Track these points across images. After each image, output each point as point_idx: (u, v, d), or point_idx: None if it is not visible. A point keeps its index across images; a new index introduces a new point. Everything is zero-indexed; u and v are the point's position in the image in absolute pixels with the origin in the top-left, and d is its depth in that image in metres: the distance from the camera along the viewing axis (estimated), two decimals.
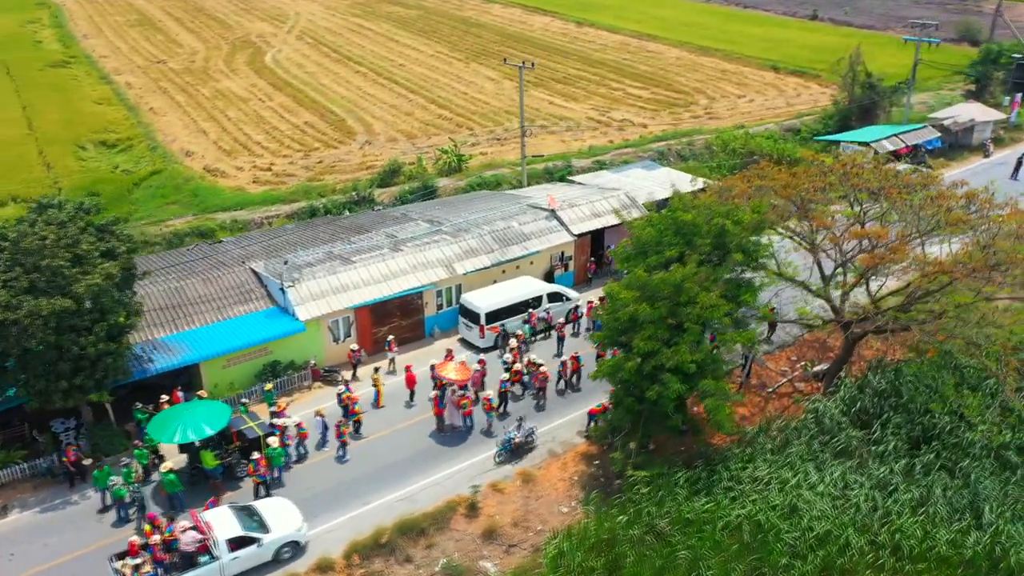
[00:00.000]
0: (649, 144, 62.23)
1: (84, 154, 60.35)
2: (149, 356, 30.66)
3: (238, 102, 72.87)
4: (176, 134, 65.12)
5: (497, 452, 29.76)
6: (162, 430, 27.13)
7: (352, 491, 28.37)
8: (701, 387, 26.96)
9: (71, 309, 25.71)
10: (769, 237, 32.04)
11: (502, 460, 29.67)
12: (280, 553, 25.77)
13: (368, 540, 26.33)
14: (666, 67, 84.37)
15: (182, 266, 37.10)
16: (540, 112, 70.39)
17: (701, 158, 58.65)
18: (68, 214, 27.62)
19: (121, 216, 49.51)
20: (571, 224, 40.49)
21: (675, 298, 27.33)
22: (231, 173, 57.33)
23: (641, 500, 27.32)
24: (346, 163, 59.26)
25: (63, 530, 26.47)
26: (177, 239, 47.20)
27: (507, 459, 29.74)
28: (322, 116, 69.17)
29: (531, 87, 77.70)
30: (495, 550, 27.10)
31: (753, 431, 30.53)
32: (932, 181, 32.23)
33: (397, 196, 52.20)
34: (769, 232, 32.02)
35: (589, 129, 66.75)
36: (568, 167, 56.76)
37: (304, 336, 33.60)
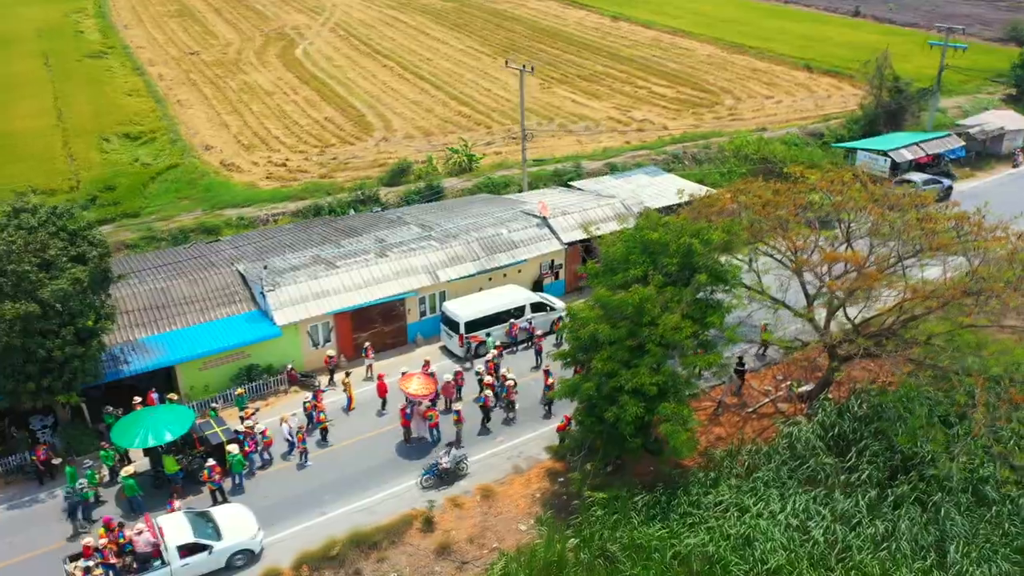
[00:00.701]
0: (665, 147, 61.23)
1: (108, 146, 61.63)
2: (125, 357, 31.28)
3: (263, 95, 73.67)
4: (199, 127, 66.16)
5: (423, 476, 29.29)
6: (125, 435, 27.65)
7: (311, 500, 28.60)
8: (660, 411, 26.47)
9: (36, 313, 26.30)
10: (752, 255, 31.33)
11: (428, 485, 29.24)
12: (233, 560, 26.12)
13: (319, 551, 26.53)
14: (695, 65, 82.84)
15: (173, 266, 37.70)
16: (561, 111, 69.80)
17: (716, 162, 57.53)
18: (40, 219, 28.23)
19: (132, 211, 51.00)
20: (562, 232, 40.09)
21: (636, 319, 26.87)
22: (246, 168, 58.04)
23: (595, 523, 27.03)
24: (360, 160, 59.53)
25: (28, 528, 27.20)
26: (183, 235, 48.01)
27: (434, 484, 29.27)
28: (343, 111, 69.56)
29: (555, 84, 77.21)
30: (447, 566, 27.08)
31: (720, 454, 29.94)
32: (922, 201, 31.03)
33: (403, 196, 52.28)
34: (750, 250, 31.32)
35: (608, 129, 65.95)
36: (577, 169, 56.19)
37: (282, 340, 33.93)
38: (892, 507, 27.57)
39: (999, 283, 26.88)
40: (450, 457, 29.08)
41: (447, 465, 28.95)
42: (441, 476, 29.19)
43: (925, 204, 31.04)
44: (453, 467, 29.18)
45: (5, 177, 55.22)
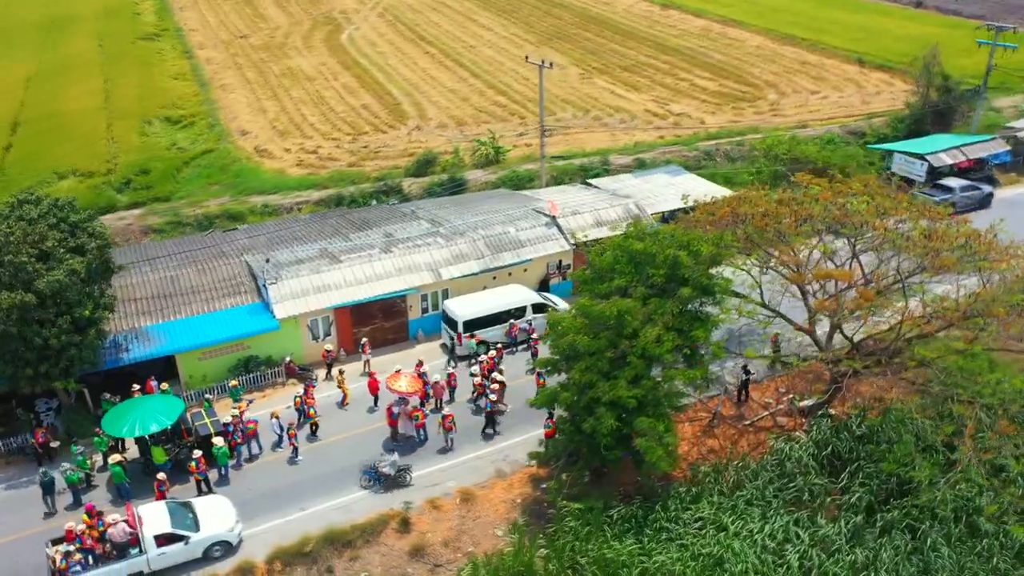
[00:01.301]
0: (698, 143, 60.02)
1: (149, 129, 63.22)
2: (126, 345, 32.14)
3: (304, 81, 74.52)
4: (238, 112, 67.31)
5: (362, 475, 29.48)
6: (115, 423, 28.45)
7: (292, 495, 29.05)
8: (636, 425, 26.09)
9: (32, 303, 27.18)
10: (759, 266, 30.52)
11: (367, 485, 29.31)
12: (211, 551, 26.72)
13: (293, 547, 26.98)
14: (743, 56, 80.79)
15: (187, 254, 38.52)
16: (598, 102, 68.93)
17: (749, 161, 56.14)
18: (41, 210, 29.11)
19: (164, 195, 52.13)
20: (570, 232, 39.67)
21: (617, 330, 26.49)
22: (278, 155, 58.86)
23: (567, 533, 26.86)
24: (390, 149, 59.80)
25: (21, 508, 28.28)
26: (207, 221, 49.01)
27: (375, 487, 29.27)
28: (380, 98, 69.92)
29: (596, 74, 76.27)
30: (420, 568, 27.28)
31: (705, 468, 29.39)
32: (935, 216, 29.75)
33: (426, 188, 52.42)
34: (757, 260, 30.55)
35: (644, 123, 64.91)
36: (604, 165, 55.50)
37: (282, 333, 34.42)
38: (880, 533, 26.78)
39: (1001, 307, 25.68)
40: (390, 464, 29.10)
41: (387, 471, 29.01)
42: (380, 480, 29.23)
43: (937, 219, 29.74)
44: (394, 475, 29.16)
45: (50, 158, 57.19)
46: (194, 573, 26.40)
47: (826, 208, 29.90)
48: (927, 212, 29.84)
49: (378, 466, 29.06)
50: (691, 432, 32.69)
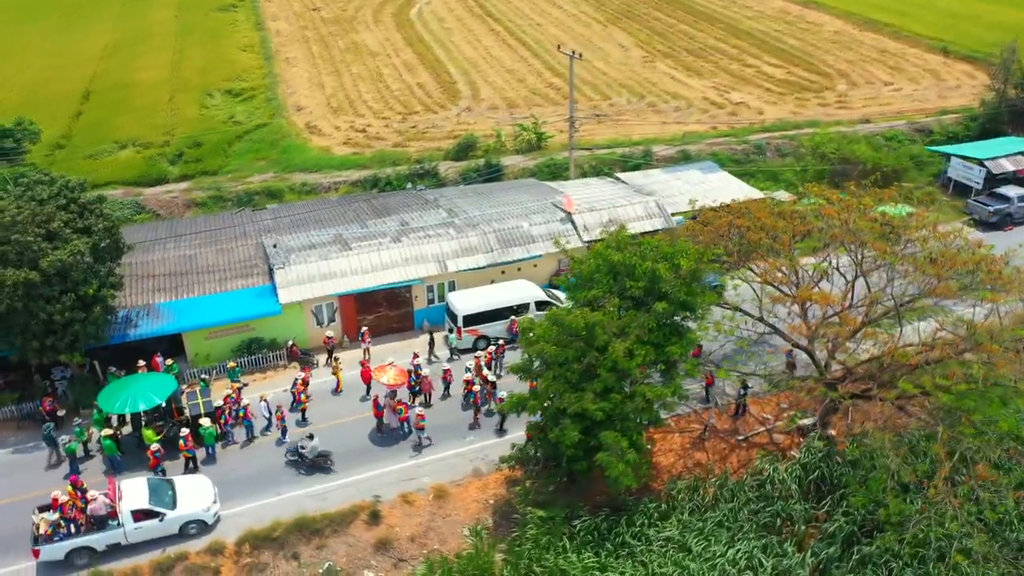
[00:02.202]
0: (750, 135, 58.02)
1: (209, 102, 65.11)
2: (136, 321, 33.55)
3: (366, 57, 75.33)
4: (298, 87, 68.60)
5: (287, 452, 30.43)
6: (110, 399, 29.83)
7: (271, 479, 29.92)
8: (601, 439, 25.76)
9: (36, 281, 28.65)
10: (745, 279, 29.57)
11: (290, 460, 30.22)
12: (187, 529, 27.85)
13: (264, 531, 27.86)
14: (818, 42, 77.38)
15: (209, 233, 39.76)
16: (656, 87, 67.33)
17: (797, 157, 53.99)
18: (51, 192, 30.51)
19: (212, 169, 53.57)
20: (584, 229, 39.12)
21: (588, 341, 26.11)
22: (327, 132, 59.82)
23: (527, 541, 26.86)
24: (438, 130, 59.97)
25: (23, 472, 30.05)
26: (247, 197, 50.37)
27: (295, 464, 30.06)
28: (436, 77, 70.06)
29: (659, 58, 74.50)
30: (383, 562, 27.83)
31: (681, 484, 28.82)
32: (943, 237, 28.01)
33: (462, 172, 52.47)
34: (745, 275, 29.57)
35: (699, 111, 63.09)
36: (647, 156, 54.32)
37: (287, 317, 35.27)
38: (854, 568, 25.81)
39: (995, 344, 24.13)
40: (310, 450, 29.65)
41: (306, 454, 29.62)
42: (304, 459, 29.91)
43: (949, 241, 28.00)
44: (312, 459, 29.79)
45: (114, 128, 59.72)
46: (169, 549, 27.55)
47: (828, 224, 28.52)
48: (941, 234, 28.07)
49: (300, 447, 29.81)
50: (680, 443, 32.10)
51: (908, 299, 26.57)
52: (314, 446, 29.77)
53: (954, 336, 25.72)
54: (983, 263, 26.96)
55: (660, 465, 31.21)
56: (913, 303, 26.43)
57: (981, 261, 27.03)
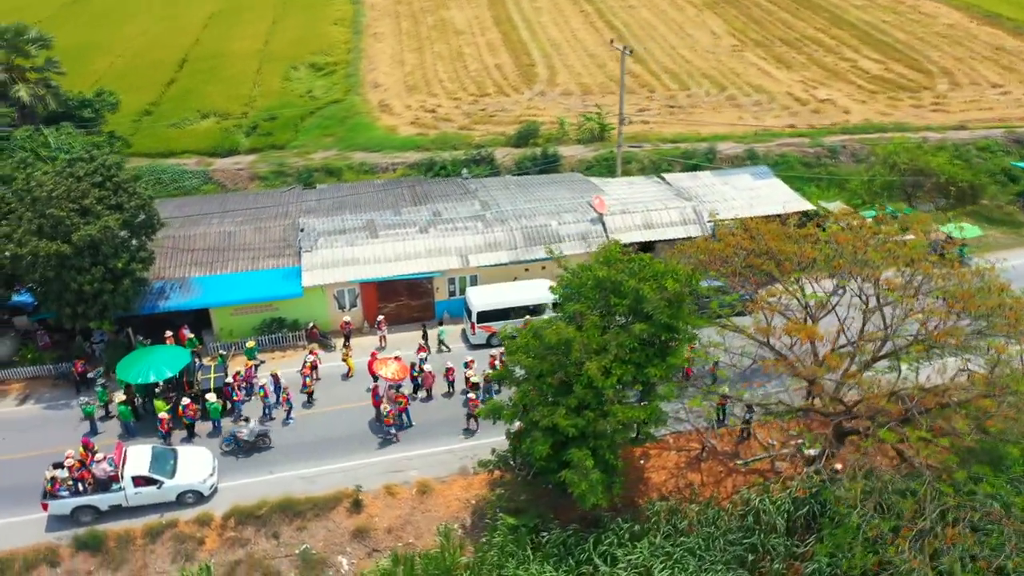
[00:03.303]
0: (826, 136, 55.30)
1: (293, 75, 67.14)
2: (168, 293, 35.44)
3: (451, 35, 75.76)
4: (379, 63, 69.82)
5: (223, 442, 31.29)
6: (127, 370, 31.74)
7: (267, 458, 31.19)
8: (569, 455, 25.62)
9: (67, 253, 30.69)
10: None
11: (227, 451, 31.07)
12: (184, 498, 29.50)
13: (250, 508, 29.18)
14: (927, 36, 72.56)
15: (255, 210, 41.32)
16: (739, 79, 64.89)
17: (870, 165, 51.09)
18: (87, 170, 32.42)
19: (281, 143, 55.28)
20: (613, 232, 38.47)
21: (565, 355, 25.88)
22: (397, 111, 60.71)
23: (492, 548, 27.09)
24: (505, 114, 59.88)
25: (52, 428, 32.43)
26: (307, 174, 51.92)
27: (233, 452, 31.01)
28: (516, 58, 69.80)
29: (751, 47, 71.73)
30: (358, 549, 28.72)
31: (660, 506, 28.29)
32: (963, 276, 26.10)
33: (517, 161, 52.33)
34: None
35: (780, 107, 60.51)
36: (710, 153, 52.66)
37: (309, 300, 36.43)
38: None
39: (990, 401, 22.50)
40: (249, 430, 30.62)
41: (246, 437, 30.56)
42: (240, 445, 30.84)
43: (965, 281, 26.09)
44: (253, 441, 30.79)
45: (198, 97, 62.49)
46: (168, 514, 29.28)
47: (837, 252, 27.06)
48: (961, 272, 26.16)
49: (237, 433, 30.82)
50: (675, 462, 31.49)
51: (906, 343, 24.95)
52: (252, 429, 31.03)
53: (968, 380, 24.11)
54: (1002, 308, 24.98)
55: (651, 482, 30.77)
56: (908, 347, 24.81)
57: (1000, 306, 25.04)
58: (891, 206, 43.98)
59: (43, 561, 27.60)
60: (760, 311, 26.68)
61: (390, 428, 31.61)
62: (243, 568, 28.00)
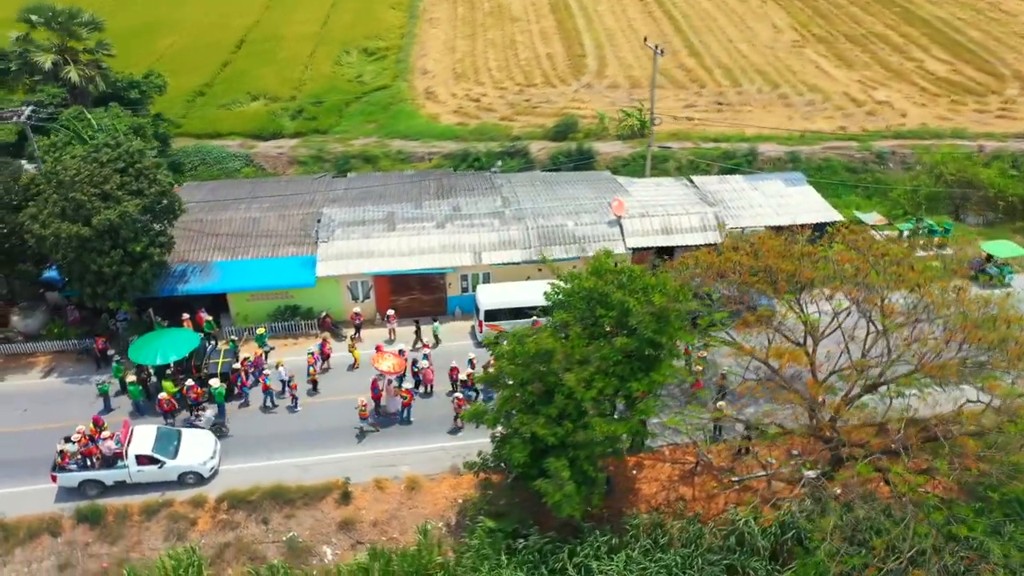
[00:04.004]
0: (875, 141, 53.36)
1: (345, 59, 67.98)
2: (188, 277, 36.54)
3: (507, 21, 75.52)
4: (430, 49, 70.10)
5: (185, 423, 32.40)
6: (140, 351, 32.92)
7: (267, 444, 31.96)
8: (546, 464, 25.60)
9: (87, 235, 31.93)
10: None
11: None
12: (185, 478, 30.55)
13: (243, 493, 30.05)
14: (1004, 36, 69.11)
15: (282, 197, 42.13)
16: (794, 76, 63.03)
17: (916, 175, 49.03)
18: (111, 156, 33.53)
19: (324, 128, 56.15)
20: (630, 236, 37.96)
21: (546, 366, 25.79)
22: (442, 99, 60.95)
23: (468, 551, 27.29)
24: (549, 106, 59.52)
25: (70, 402, 33.87)
26: (344, 160, 52.68)
27: None
28: (568, 48, 69.20)
29: (812, 43, 69.58)
30: (343, 540, 29.32)
31: (643, 520, 28.03)
32: (968, 305, 24.88)
33: (552, 155, 52.03)
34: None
35: (833, 108, 58.59)
36: (751, 155, 51.40)
37: (323, 290, 37.07)
38: None
39: (972, 441, 21.54)
40: (204, 420, 31.53)
41: (202, 425, 31.46)
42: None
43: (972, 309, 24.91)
44: (207, 428, 31.60)
45: (250, 79, 63.84)
46: (169, 493, 30.38)
47: (838, 273, 26.16)
48: (967, 301, 24.98)
49: (194, 423, 31.76)
50: (669, 474, 31.11)
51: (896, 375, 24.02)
52: (207, 417, 31.97)
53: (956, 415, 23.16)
54: (1006, 342, 23.80)
55: (641, 494, 30.52)
56: (896, 380, 23.89)
57: (1004, 339, 23.86)
58: (932, 219, 42.30)
59: (46, 530, 28.98)
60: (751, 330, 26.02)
61: (364, 421, 32.01)
62: (231, 551, 28.88)
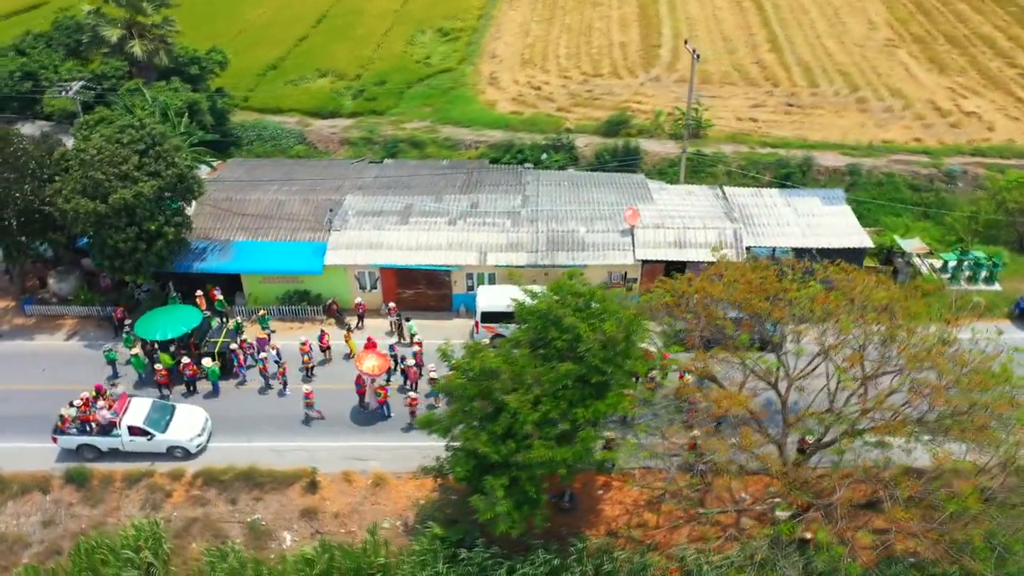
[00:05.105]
0: (950, 156, 49.76)
1: (417, 39, 68.34)
2: (205, 255, 38.06)
3: (587, 5, 74.14)
4: (504, 32, 69.58)
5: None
6: (145, 327, 34.60)
7: (249, 426, 33.04)
8: (484, 481, 25.55)
9: (103, 212, 33.71)
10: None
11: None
12: (173, 451, 32.12)
13: (218, 471, 31.32)
14: None
15: (312, 181, 43.07)
16: (879, 79, 59.34)
17: (975, 201, 45.42)
18: (132, 137, 35.06)
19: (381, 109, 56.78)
20: (641, 247, 36.90)
21: (492, 383, 25.62)
22: (504, 85, 60.52)
23: (414, 554, 27.61)
24: (610, 98, 58.28)
25: (86, 366, 35.99)
26: (392, 144, 53.28)
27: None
28: (644, 37, 67.36)
29: (908, 41, 65.31)
30: (304, 528, 30.22)
31: (592, 544, 27.62)
32: (938, 360, 23.01)
33: (597, 152, 51.03)
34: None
35: (913, 116, 54.90)
36: (804, 165, 48.89)
37: (332, 277, 37.86)
38: None
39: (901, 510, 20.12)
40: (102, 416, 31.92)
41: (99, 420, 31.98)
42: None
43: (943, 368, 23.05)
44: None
45: (322, 55, 65.10)
46: (158, 464, 31.98)
47: (808, 315, 24.69)
48: (938, 359, 23.09)
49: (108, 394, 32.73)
50: (636, 498, 30.47)
51: (846, 432, 22.56)
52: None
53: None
54: (973, 409, 21.98)
55: (602, 515, 30.08)
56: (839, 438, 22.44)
57: (972, 406, 22.04)
58: (980, 250, 39.22)
59: (37, 487, 31.13)
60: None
61: (310, 408, 32.74)
62: (198, 526, 30.23)
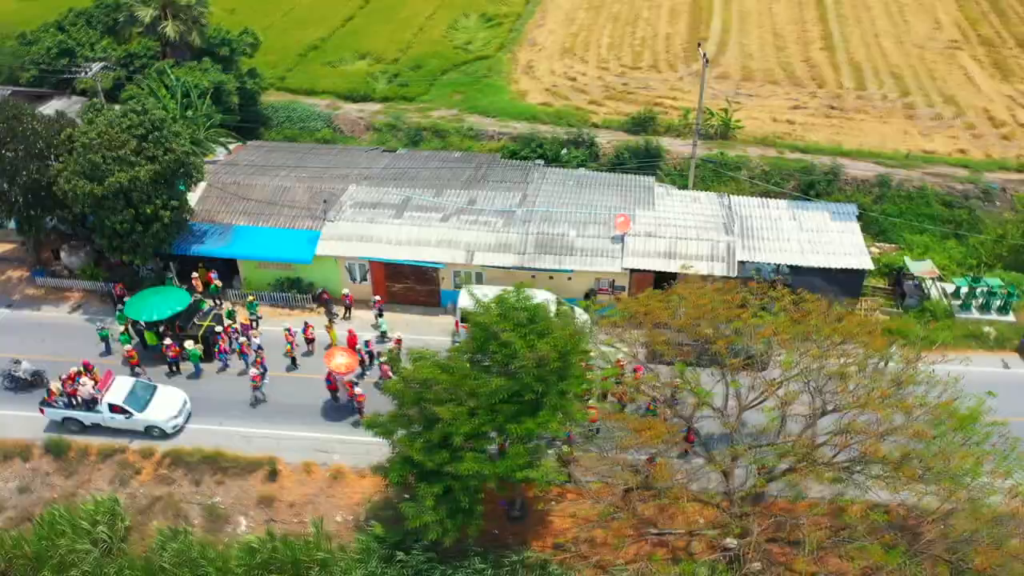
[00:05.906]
0: (991, 171, 46.93)
1: (460, 23, 67.84)
2: (204, 238, 38.96)
3: None
4: (549, 18, 68.48)
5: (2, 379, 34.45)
6: (135, 308, 35.67)
7: (224, 409, 33.78)
8: (416, 489, 25.61)
9: (99, 194, 34.81)
10: None
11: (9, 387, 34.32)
12: (151, 430, 33.20)
13: (186, 453, 32.24)
14: None
15: (321, 169, 43.49)
16: (934, 83, 56.43)
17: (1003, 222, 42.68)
18: (132, 122, 35.93)
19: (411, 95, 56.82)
20: (629, 255, 36.02)
21: (427, 392, 25.55)
22: (539, 74, 59.71)
23: (353, 552, 27.90)
24: (645, 93, 56.99)
25: (83, 340, 37.40)
26: (415, 132, 53.28)
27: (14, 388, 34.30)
28: (692, 30, 65.42)
29: (973, 43, 61.76)
30: (259, 515, 30.92)
31: (528, 556, 27.40)
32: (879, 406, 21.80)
33: (617, 149, 49.96)
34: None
35: (963, 125, 52.00)
36: (831, 173, 46.83)
37: (324, 268, 38.29)
38: None
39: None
40: (23, 371, 33.64)
41: (20, 375, 33.78)
42: (16, 383, 34.23)
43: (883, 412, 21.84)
44: (29, 379, 34.33)
45: (364, 37, 65.22)
46: (136, 441, 33.10)
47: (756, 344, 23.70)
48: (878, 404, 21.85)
49: (12, 371, 33.75)
50: (588, 512, 29.95)
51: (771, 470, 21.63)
52: (25, 368, 34.16)
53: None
54: (907, 458, 20.83)
55: (551, 527, 29.83)
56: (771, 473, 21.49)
57: (906, 456, 20.88)
58: (997, 277, 36.96)
59: (19, 455, 32.63)
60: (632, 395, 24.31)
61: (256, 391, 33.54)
62: (161, 505, 31.22)
